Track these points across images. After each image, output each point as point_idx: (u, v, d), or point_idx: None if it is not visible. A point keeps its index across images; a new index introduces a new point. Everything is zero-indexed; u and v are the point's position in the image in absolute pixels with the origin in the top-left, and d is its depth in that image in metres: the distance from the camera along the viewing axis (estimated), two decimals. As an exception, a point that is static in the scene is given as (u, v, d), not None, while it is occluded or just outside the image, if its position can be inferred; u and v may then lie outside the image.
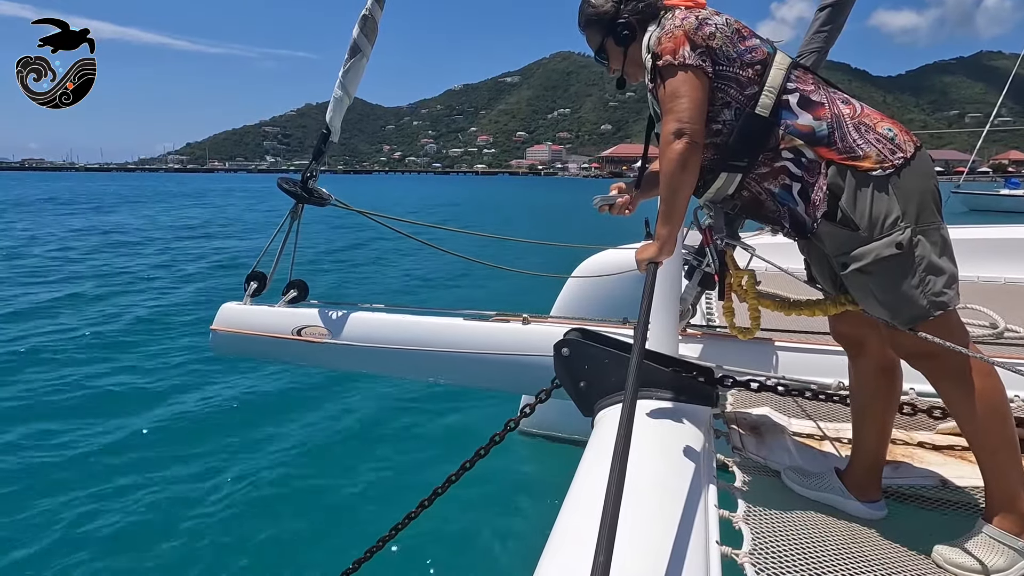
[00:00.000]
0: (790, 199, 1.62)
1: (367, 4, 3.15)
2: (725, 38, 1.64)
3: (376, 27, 3.17)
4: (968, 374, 1.51)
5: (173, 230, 23.82)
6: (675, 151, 1.59)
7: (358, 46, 3.16)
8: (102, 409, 6.08)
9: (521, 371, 3.02)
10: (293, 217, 3.46)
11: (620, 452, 1.10)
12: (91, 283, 12.44)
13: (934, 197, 1.54)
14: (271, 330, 3.45)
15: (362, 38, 3.15)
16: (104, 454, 5.16)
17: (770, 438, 2.09)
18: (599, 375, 1.93)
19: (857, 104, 1.62)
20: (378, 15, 3.17)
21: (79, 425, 5.70)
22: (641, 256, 1.74)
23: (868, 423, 1.79)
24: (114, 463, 5.00)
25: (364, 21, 3.14)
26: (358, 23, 3.14)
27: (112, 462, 5.02)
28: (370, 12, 3.15)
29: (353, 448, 5.39)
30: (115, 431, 5.61)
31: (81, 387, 6.68)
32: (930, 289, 1.49)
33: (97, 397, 6.42)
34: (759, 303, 1.84)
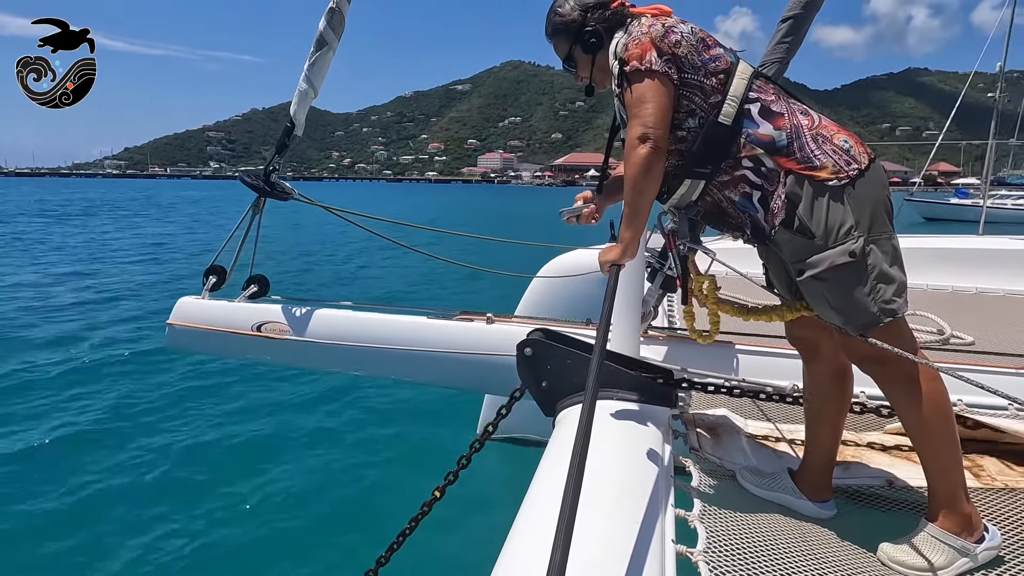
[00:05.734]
0: (750, 206, 1.66)
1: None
2: (690, 46, 1.66)
3: (343, 20, 3.14)
4: (915, 379, 1.57)
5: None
6: (640, 155, 1.61)
7: (324, 39, 3.12)
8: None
9: (485, 370, 3.03)
10: (255, 211, 3.40)
11: (579, 450, 1.11)
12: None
13: (886, 207, 1.60)
14: (230, 326, 3.37)
15: (328, 31, 3.11)
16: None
17: (727, 439, 2.14)
18: (561, 375, 1.95)
19: (815, 115, 1.67)
20: (345, 8, 3.13)
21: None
22: (604, 258, 1.75)
23: (820, 425, 1.85)
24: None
25: (331, 14, 3.11)
26: (324, 15, 3.11)
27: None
28: (337, 5, 3.11)
29: (315, 455, 5.34)
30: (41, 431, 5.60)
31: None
32: (880, 297, 1.54)
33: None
34: (719, 308, 1.88)
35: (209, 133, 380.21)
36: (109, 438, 5.59)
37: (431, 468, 2.43)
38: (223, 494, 4.66)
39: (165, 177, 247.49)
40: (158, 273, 14.26)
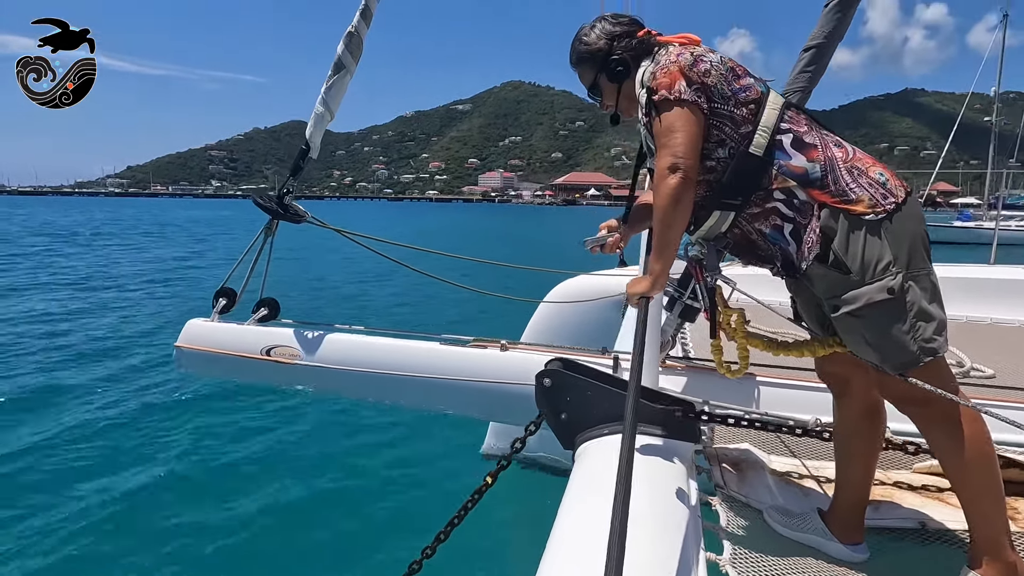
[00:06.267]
0: (781, 239, 1.63)
1: (353, 20, 3.12)
2: (720, 76, 1.64)
3: (361, 44, 3.13)
4: (956, 420, 1.52)
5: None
6: (669, 186, 1.58)
7: (342, 62, 3.11)
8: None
9: (499, 399, 2.97)
10: (267, 233, 3.37)
11: (622, 491, 1.08)
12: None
13: (924, 242, 1.56)
14: (239, 349, 3.32)
15: (347, 55, 3.11)
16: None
17: (751, 475, 2.09)
18: (581, 407, 1.89)
19: (849, 147, 1.64)
20: (364, 32, 3.13)
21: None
22: (633, 290, 1.71)
23: (852, 463, 1.80)
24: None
25: (349, 38, 3.10)
26: (343, 39, 3.10)
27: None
28: (356, 29, 3.11)
29: (321, 489, 5.27)
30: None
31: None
32: (920, 335, 1.50)
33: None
34: (748, 342, 1.84)
35: (211, 152, 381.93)
36: (106, 453, 5.63)
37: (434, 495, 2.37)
38: (220, 515, 4.65)
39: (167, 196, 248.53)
40: (170, 295, 14.26)
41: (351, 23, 3.12)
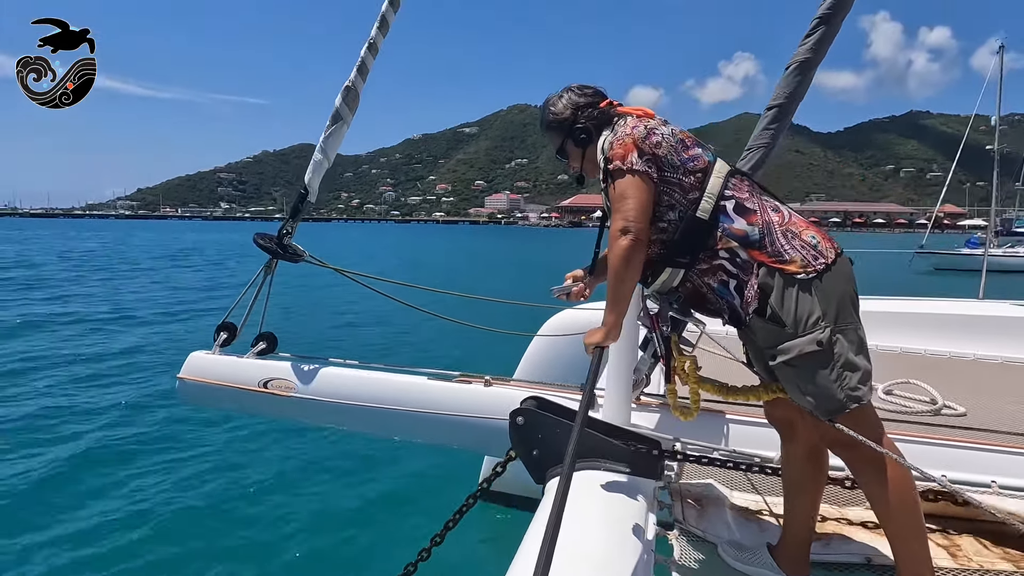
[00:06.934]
0: (728, 293, 1.77)
1: (351, 75, 3.31)
2: (670, 147, 1.80)
3: (358, 97, 3.32)
4: (881, 465, 1.66)
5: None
6: (621, 247, 1.73)
7: (339, 114, 3.29)
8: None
9: (482, 433, 3.07)
10: (267, 272, 3.53)
11: (552, 525, 1.15)
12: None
13: (852, 300, 1.71)
14: (238, 381, 3.44)
15: (344, 107, 3.29)
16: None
17: (711, 510, 2.20)
18: (551, 444, 2.01)
19: (786, 211, 1.80)
20: (360, 86, 3.31)
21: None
22: (589, 340, 1.85)
23: (798, 501, 1.93)
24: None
25: (346, 92, 3.29)
26: (340, 93, 3.28)
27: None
28: (353, 84, 3.30)
29: (305, 509, 5.38)
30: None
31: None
32: (847, 384, 1.64)
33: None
34: (700, 387, 1.97)
35: (220, 175, 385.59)
36: (105, 480, 5.76)
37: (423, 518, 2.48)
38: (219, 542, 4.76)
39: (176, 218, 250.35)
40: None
41: (348, 78, 3.31)
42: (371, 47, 3.37)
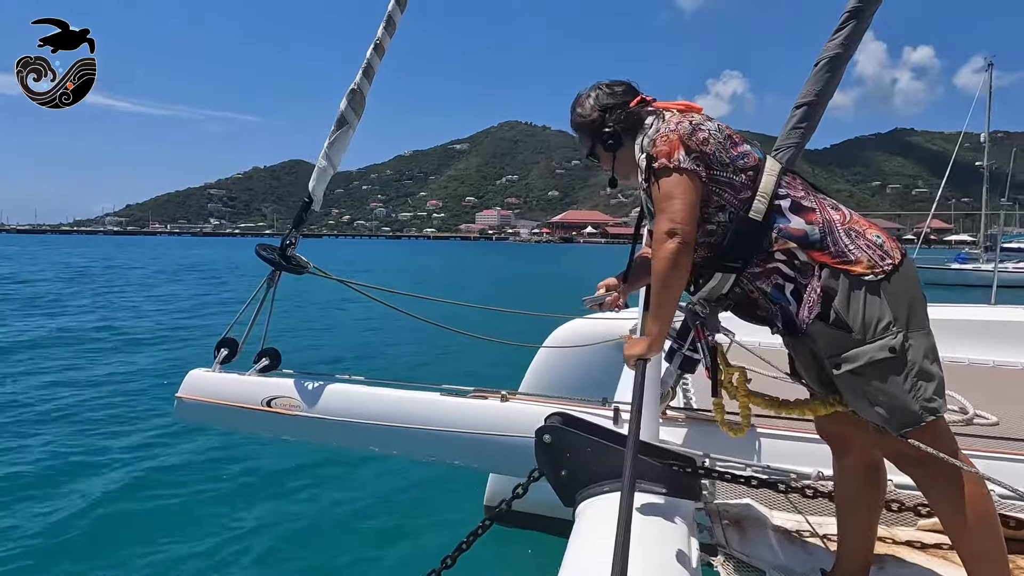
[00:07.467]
0: (783, 298, 1.66)
1: (356, 78, 3.18)
2: (718, 144, 1.69)
3: (363, 101, 3.18)
4: (957, 481, 1.53)
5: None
6: (667, 250, 1.62)
7: (345, 118, 3.15)
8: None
9: (499, 451, 2.92)
10: (269, 284, 3.37)
11: (619, 560, 1.08)
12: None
13: (922, 303, 1.59)
14: (240, 400, 3.28)
15: (349, 111, 3.16)
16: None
17: (752, 532, 2.07)
18: (582, 464, 1.89)
19: (845, 210, 1.69)
20: (366, 89, 3.18)
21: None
22: (630, 352, 1.73)
23: (854, 522, 1.80)
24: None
25: (352, 95, 3.16)
26: (346, 96, 3.15)
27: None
28: (358, 86, 3.16)
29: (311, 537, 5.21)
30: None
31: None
32: (922, 394, 1.51)
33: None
34: (750, 400, 1.86)
35: (210, 191, 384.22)
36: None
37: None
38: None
39: (165, 234, 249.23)
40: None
41: (354, 80, 3.18)
42: (377, 48, 3.24)
